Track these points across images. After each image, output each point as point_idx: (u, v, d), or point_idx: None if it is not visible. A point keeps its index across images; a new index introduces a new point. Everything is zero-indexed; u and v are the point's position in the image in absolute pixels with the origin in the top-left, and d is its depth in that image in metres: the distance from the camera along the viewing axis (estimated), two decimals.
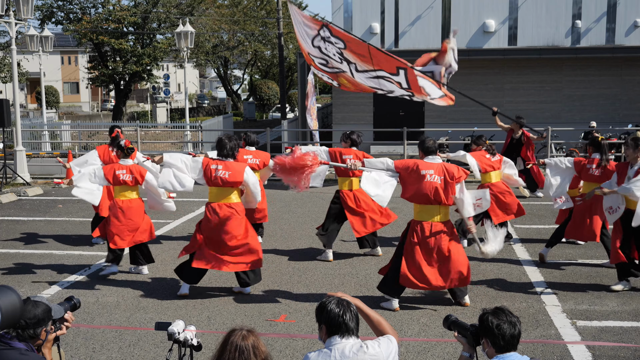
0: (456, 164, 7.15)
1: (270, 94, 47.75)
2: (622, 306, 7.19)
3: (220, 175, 7.31)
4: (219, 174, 7.31)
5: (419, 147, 7.06)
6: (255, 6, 44.66)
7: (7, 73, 33.93)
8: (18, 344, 3.30)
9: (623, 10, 19.61)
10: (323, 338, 3.48)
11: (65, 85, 61.59)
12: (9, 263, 9.25)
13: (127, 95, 40.42)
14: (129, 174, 8.32)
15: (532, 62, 20.26)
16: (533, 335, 6.38)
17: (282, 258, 9.39)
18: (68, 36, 44.69)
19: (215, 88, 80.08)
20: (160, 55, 36.95)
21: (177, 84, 64.80)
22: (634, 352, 5.94)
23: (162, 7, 36.10)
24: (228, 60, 50.73)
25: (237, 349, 3.16)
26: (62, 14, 36.41)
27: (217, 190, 7.43)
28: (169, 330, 3.69)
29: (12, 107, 17.99)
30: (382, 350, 3.45)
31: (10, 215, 12.78)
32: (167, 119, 39.45)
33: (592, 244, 9.97)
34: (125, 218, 8.35)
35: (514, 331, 3.42)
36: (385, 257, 8.96)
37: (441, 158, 7.12)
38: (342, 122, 21.14)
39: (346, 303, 3.48)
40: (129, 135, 25.10)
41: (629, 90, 20.13)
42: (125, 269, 8.74)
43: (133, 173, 8.34)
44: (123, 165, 8.39)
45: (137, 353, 6.06)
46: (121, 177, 8.31)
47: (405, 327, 6.65)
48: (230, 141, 7.46)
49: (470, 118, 20.38)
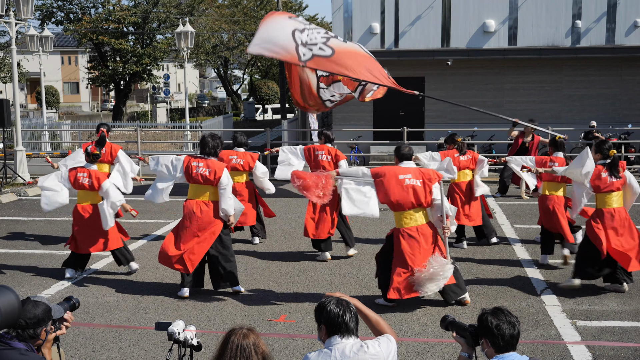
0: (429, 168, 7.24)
1: (270, 94, 47.76)
2: (622, 306, 7.19)
3: (201, 172, 7.46)
4: (199, 170, 7.46)
5: (395, 153, 7.17)
6: (255, 6, 44.68)
7: (7, 73, 33.95)
8: (18, 344, 3.30)
9: (623, 10, 19.61)
10: (322, 338, 3.48)
11: (65, 85, 61.60)
12: (9, 263, 9.25)
13: (127, 95, 40.43)
14: (87, 178, 8.34)
15: (532, 62, 20.26)
16: (533, 335, 6.38)
17: (282, 258, 9.40)
18: (68, 36, 44.72)
19: (215, 88, 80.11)
20: (160, 55, 36.96)
21: (177, 84, 64.82)
22: (634, 352, 5.94)
23: (162, 7, 36.11)
24: (228, 60, 50.74)
25: (239, 347, 3.18)
26: (62, 14, 36.43)
27: (196, 188, 7.55)
28: (169, 330, 3.69)
29: (12, 107, 18.00)
30: (382, 350, 3.46)
31: (10, 215, 12.78)
32: (167, 119, 39.46)
33: None
34: (84, 224, 8.40)
35: (514, 331, 3.42)
36: None
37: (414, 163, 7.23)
38: (342, 122, 21.14)
39: (345, 303, 3.49)
40: (128, 136, 25.12)
41: (629, 90, 20.13)
42: (125, 269, 8.74)
43: (91, 178, 8.33)
44: (86, 169, 8.41)
45: (137, 353, 6.06)
46: (81, 180, 8.35)
47: (405, 327, 6.65)
48: (213, 140, 7.63)
49: (470, 118, 20.37)
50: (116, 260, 8.62)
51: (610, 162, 7.58)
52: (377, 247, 9.96)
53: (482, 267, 8.80)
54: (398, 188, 6.81)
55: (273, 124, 33.82)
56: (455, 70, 20.50)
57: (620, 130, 18.73)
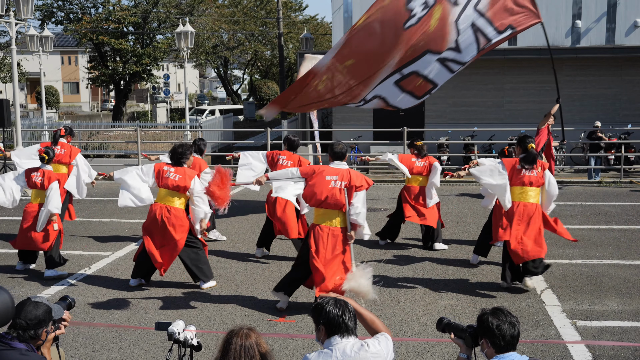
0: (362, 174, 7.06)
1: (270, 94, 47.74)
2: (622, 306, 7.19)
3: (171, 177, 7.72)
4: (169, 175, 7.74)
5: (329, 151, 7.13)
6: (255, 6, 44.66)
7: (7, 73, 33.96)
8: (19, 345, 3.30)
9: (623, 10, 19.61)
10: (321, 339, 3.48)
11: (65, 85, 61.58)
12: (9, 263, 9.25)
13: (127, 95, 40.42)
14: (40, 177, 8.53)
15: (532, 62, 20.25)
16: (533, 335, 6.38)
17: (282, 258, 9.40)
18: (68, 36, 44.68)
19: (215, 88, 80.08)
20: (160, 55, 36.94)
21: (177, 84, 64.80)
22: (634, 352, 5.94)
23: (162, 7, 36.08)
24: (228, 60, 50.74)
25: (242, 348, 3.21)
26: (62, 14, 36.41)
27: (165, 193, 7.80)
28: (169, 330, 3.69)
29: (12, 107, 18.01)
30: (382, 348, 3.47)
31: (10, 215, 12.76)
32: (167, 119, 39.45)
33: (592, 244, 9.99)
34: (25, 221, 8.60)
35: (514, 331, 3.42)
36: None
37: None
38: (342, 122, 21.15)
39: (344, 303, 3.49)
40: (128, 136, 25.11)
41: (629, 90, 20.12)
42: (125, 269, 8.74)
43: (44, 177, 8.52)
44: (41, 168, 8.61)
45: (137, 353, 6.06)
46: (34, 179, 8.55)
47: (405, 327, 6.65)
48: (181, 148, 7.90)
49: (470, 118, 20.39)
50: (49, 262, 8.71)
51: (525, 156, 7.65)
52: (377, 247, 9.98)
53: (482, 267, 8.81)
54: (323, 187, 6.76)
55: (273, 124, 33.78)
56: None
57: (620, 130, 18.72)
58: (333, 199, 6.74)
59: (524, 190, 7.65)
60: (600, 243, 10.06)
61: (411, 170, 9.70)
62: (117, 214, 12.73)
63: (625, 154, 17.18)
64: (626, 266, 8.80)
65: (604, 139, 17.45)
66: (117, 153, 21.43)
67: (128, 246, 10.18)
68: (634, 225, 11.37)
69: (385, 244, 10.16)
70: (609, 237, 10.42)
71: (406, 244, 10.24)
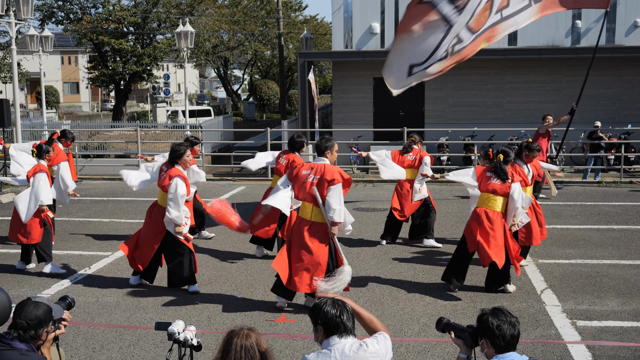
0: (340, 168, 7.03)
1: (270, 94, 47.75)
2: (622, 306, 7.19)
3: (161, 176, 7.89)
4: (161, 175, 7.91)
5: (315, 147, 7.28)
6: (255, 6, 44.64)
7: (7, 73, 33.94)
8: (19, 345, 3.31)
9: (623, 10, 19.60)
10: (320, 339, 3.48)
11: (65, 85, 61.60)
12: (9, 263, 9.25)
13: (127, 95, 40.39)
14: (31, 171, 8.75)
15: (532, 62, 20.25)
16: (533, 335, 6.39)
17: None
18: (68, 36, 44.69)
19: (215, 88, 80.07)
20: (160, 55, 36.92)
21: (177, 84, 64.80)
22: (634, 352, 5.94)
23: (162, 7, 36.07)
24: (228, 60, 50.71)
25: (243, 348, 3.21)
26: (62, 14, 36.40)
27: (160, 192, 7.94)
28: (169, 330, 3.69)
29: (12, 107, 18.01)
30: (381, 347, 3.47)
31: (10, 215, 12.77)
32: (167, 119, 39.44)
33: (591, 244, 9.99)
34: (15, 215, 8.80)
35: (514, 331, 3.42)
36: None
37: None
38: (342, 122, 21.14)
39: (342, 303, 3.49)
40: (128, 136, 25.09)
41: (629, 90, 20.11)
42: (125, 269, 8.74)
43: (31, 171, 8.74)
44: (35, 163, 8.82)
45: (137, 353, 6.06)
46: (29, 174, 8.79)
47: (405, 327, 6.65)
48: (177, 147, 7.93)
49: (470, 118, 20.38)
50: (37, 256, 8.80)
51: (494, 165, 7.70)
52: (377, 248, 9.98)
53: (481, 267, 8.80)
54: (299, 182, 6.89)
55: (273, 123, 33.79)
56: (455, 70, 20.38)
57: (620, 130, 18.72)
58: (304, 192, 6.86)
59: (488, 197, 7.66)
60: (600, 243, 10.06)
61: (402, 164, 10.00)
62: (117, 214, 12.73)
63: (625, 154, 17.18)
64: (626, 266, 8.80)
65: (604, 139, 17.45)
66: (117, 153, 21.42)
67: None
68: (634, 225, 11.37)
69: (385, 244, 10.16)
70: (609, 237, 10.42)
71: (406, 244, 10.25)
